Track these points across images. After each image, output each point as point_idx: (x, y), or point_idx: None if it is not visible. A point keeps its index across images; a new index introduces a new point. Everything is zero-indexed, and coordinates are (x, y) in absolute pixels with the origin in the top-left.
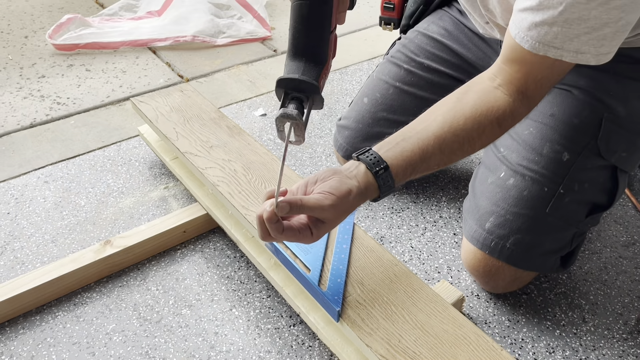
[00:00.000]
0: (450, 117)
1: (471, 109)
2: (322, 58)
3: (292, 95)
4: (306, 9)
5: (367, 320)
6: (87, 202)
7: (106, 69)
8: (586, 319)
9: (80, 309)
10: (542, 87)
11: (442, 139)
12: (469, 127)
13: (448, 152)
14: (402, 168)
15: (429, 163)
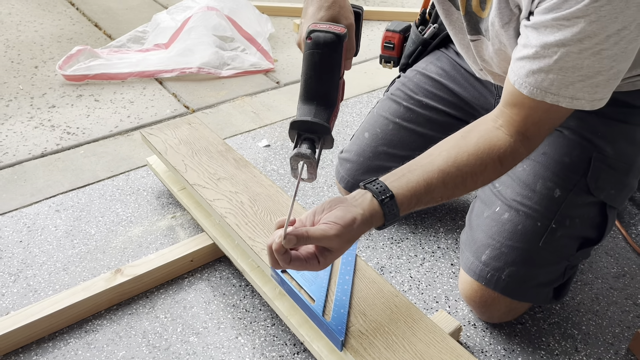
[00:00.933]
0: (455, 152)
1: (474, 146)
2: (332, 102)
3: (305, 136)
4: (318, 57)
5: (370, 350)
6: (97, 230)
7: (114, 99)
8: (579, 349)
9: (92, 336)
10: (541, 129)
11: (446, 173)
12: (471, 163)
13: (451, 186)
14: (407, 198)
15: (432, 195)
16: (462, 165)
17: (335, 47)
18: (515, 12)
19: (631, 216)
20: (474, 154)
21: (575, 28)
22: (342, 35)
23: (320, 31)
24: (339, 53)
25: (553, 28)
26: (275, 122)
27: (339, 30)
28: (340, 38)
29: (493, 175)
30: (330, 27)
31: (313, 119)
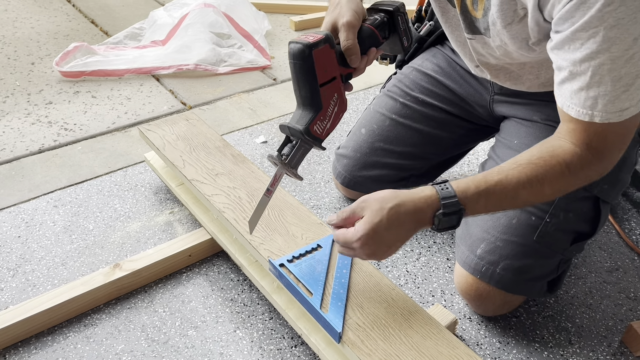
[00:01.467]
0: (517, 156)
1: (537, 151)
2: (315, 107)
3: (289, 139)
4: (292, 67)
5: (367, 342)
6: (96, 226)
7: (111, 95)
8: (572, 341)
9: (90, 330)
10: (607, 141)
11: (505, 172)
12: (533, 165)
13: (513, 187)
14: (464, 183)
15: (494, 190)
16: (523, 163)
17: (303, 57)
18: (520, 13)
19: (624, 211)
20: (536, 157)
21: (598, 38)
22: (309, 44)
23: (292, 42)
24: (307, 62)
25: (575, 43)
26: (272, 118)
27: (310, 40)
28: (309, 47)
29: (562, 182)
30: (305, 38)
31: (289, 123)
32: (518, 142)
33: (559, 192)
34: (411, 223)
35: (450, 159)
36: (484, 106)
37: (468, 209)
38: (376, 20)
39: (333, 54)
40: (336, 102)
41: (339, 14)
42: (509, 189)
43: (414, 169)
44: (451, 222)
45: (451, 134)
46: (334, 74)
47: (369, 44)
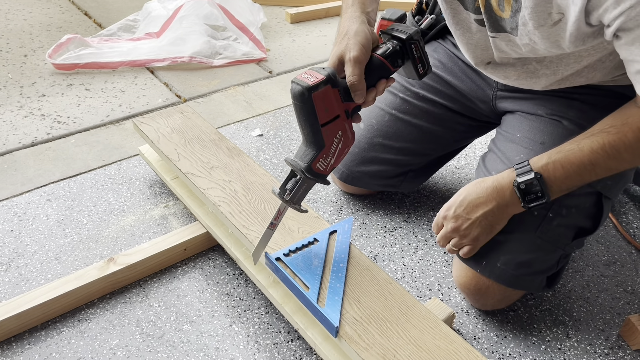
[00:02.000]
0: (592, 127)
1: (610, 117)
2: (318, 145)
3: (293, 174)
4: (294, 107)
5: (364, 336)
6: (89, 220)
7: (105, 88)
8: (570, 335)
9: (85, 325)
10: None
11: (579, 140)
12: (607, 131)
13: (588, 150)
14: (541, 159)
15: (570, 159)
16: (596, 132)
17: (302, 99)
18: (555, 17)
19: (622, 205)
20: (609, 125)
21: None
22: (309, 87)
23: (294, 82)
24: (307, 104)
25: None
26: (268, 111)
27: (309, 83)
28: (309, 90)
29: (638, 145)
30: (306, 79)
31: (293, 159)
32: (521, 136)
33: (635, 158)
34: (492, 196)
35: (449, 154)
36: (486, 102)
37: (547, 178)
38: (388, 50)
39: (335, 94)
40: (340, 139)
41: (346, 46)
42: (584, 155)
43: (413, 164)
44: (535, 192)
45: (451, 131)
46: (337, 113)
47: (378, 76)
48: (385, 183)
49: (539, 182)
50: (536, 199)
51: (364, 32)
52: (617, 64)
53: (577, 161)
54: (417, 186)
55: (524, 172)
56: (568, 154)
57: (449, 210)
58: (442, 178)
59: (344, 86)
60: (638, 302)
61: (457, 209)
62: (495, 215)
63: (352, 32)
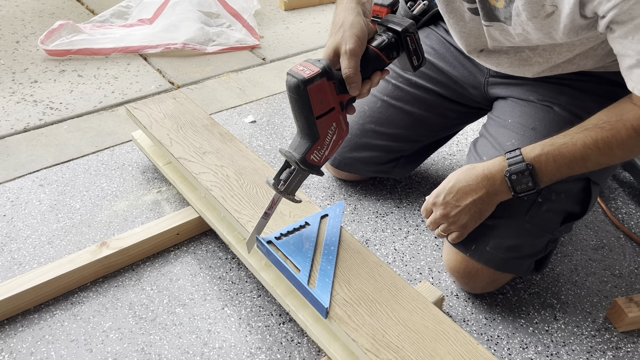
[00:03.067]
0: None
1: (604, 112)
2: (312, 137)
3: (287, 164)
4: (289, 99)
5: (354, 317)
6: (82, 205)
7: (98, 74)
8: (557, 317)
9: (78, 308)
10: None
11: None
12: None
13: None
14: (532, 148)
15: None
16: (590, 126)
17: (298, 92)
18: (549, 10)
19: (611, 190)
20: (603, 121)
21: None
22: (305, 80)
23: (289, 74)
24: (302, 97)
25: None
26: (261, 98)
27: (305, 75)
28: (305, 83)
29: (632, 143)
30: (301, 71)
31: (287, 150)
32: (512, 121)
33: (631, 153)
34: (482, 184)
35: (440, 140)
36: (478, 88)
37: (539, 169)
38: (383, 42)
39: (330, 86)
40: (334, 131)
41: (341, 38)
42: (577, 149)
43: (404, 150)
44: (526, 182)
45: (442, 117)
46: (332, 105)
47: (373, 68)
48: (377, 169)
49: (531, 173)
50: (526, 189)
51: (359, 24)
52: (609, 52)
53: (569, 155)
54: (409, 172)
55: (516, 162)
56: (561, 147)
57: (438, 197)
58: (434, 164)
59: (339, 78)
60: (625, 286)
61: (447, 196)
62: (484, 203)
63: (348, 23)
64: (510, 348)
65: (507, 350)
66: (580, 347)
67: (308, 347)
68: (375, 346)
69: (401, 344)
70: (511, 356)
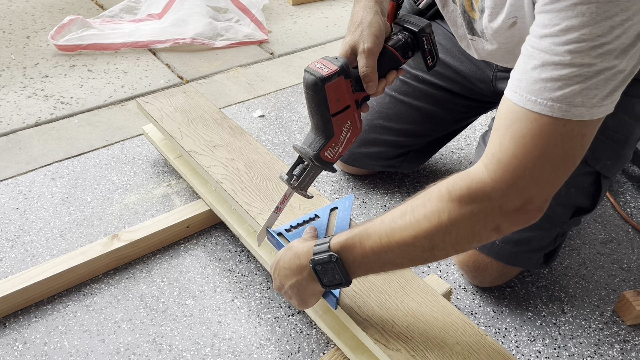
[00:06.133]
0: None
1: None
2: (327, 134)
3: (300, 160)
4: (305, 96)
5: (363, 308)
6: (93, 198)
7: (108, 69)
8: (565, 311)
9: (90, 299)
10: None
11: (387, 212)
12: (414, 199)
13: (389, 220)
14: (339, 236)
15: (369, 233)
16: (404, 206)
17: (316, 89)
18: (508, 22)
19: (619, 185)
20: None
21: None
22: (323, 77)
23: (307, 71)
24: (320, 94)
25: None
26: (269, 92)
27: (323, 73)
28: (323, 80)
29: (439, 209)
30: (319, 69)
31: (301, 146)
32: None
33: (438, 228)
34: (294, 270)
35: (449, 134)
36: (486, 82)
37: (345, 259)
38: (399, 42)
39: (347, 84)
40: (349, 128)
41: (359, 37)
42: (384, 225)
43: (413, 145)
44: (332, 274)
45: (451, 112)
46: (348, 103)
47: (389, 67)
48: (386, 164)
49: (337, 264)
50: (335, 282)
51: (377, 23)
52: None
53: (375, 235)
54: (417, 166)
55: (321, 251)
56: (369, 226)
57: (271, 269)
58: (442, 158)
59: (355, 77)
60: (633, 279)
61: (274, 273)
62: (302, 290)
63: (366, 22)
64: (518, 340)
65: (514, 342)
66: (588, 340)
67: (317, 339)
68: (385, 336)
69: (410, 335)
70: (519, 348)
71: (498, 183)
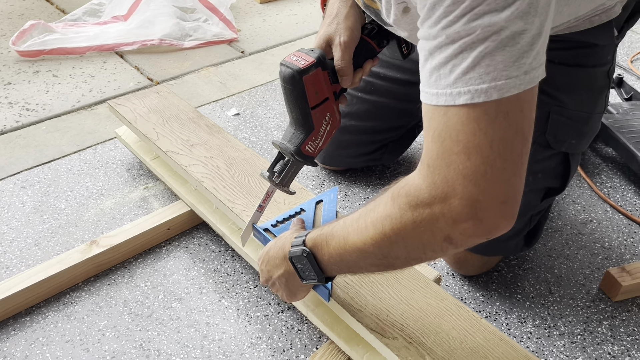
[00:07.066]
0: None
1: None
2: (307, 128)
3: (281, 156)
4: (283, 90)
5: (356, 299)
6: (67, 205)
7: (74, 74)
8: (552, 291)
9: (70, 308)
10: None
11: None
12: (375, 198)
13: (349, 222)
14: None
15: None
16: (362, 208)
17: (293, 82)
18: (400, 7)
19: (595, 166)
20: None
21: None
22: (300, 70)
23: (283, 65)
24: (297, 87)
25: None
26: (243, 90)
27: (300, 66)
28: (300, 73)
29: (383, 216)
30: (296, 61)
31: (281, 141)
32: None
33: (383, 237)
34: (281, 260)
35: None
36: None
37: (318, 255)
38: (374, 30)
39: (325, 76)
40: (328, 121)
41: (335, 30)
42: (344, 227)
43: (390, 137)
44: (307, 269)
45: (417, 103)
46: (326, 95)
47: (365, 57)
48: (367, 159)
49: (307, 259)
50: (311, 278)
51: (354, 15)
52: (573, 8)
53: (339, 236)
54: (399, 155)
55: (296, 244)
56: (336, 225)
57: (259, 261)
58: (420, 148)
59: (332, 68)
60: (615, 257)
61: (262, 264)
62: (290, 282)
63: (342, 15)
64: (509, 323)
65: (505, 325)
66: (577, 319)
67: (309, 334)
68: (380, 325)
69: (405, 322)
70: (510, 331)
71: (433, 189)
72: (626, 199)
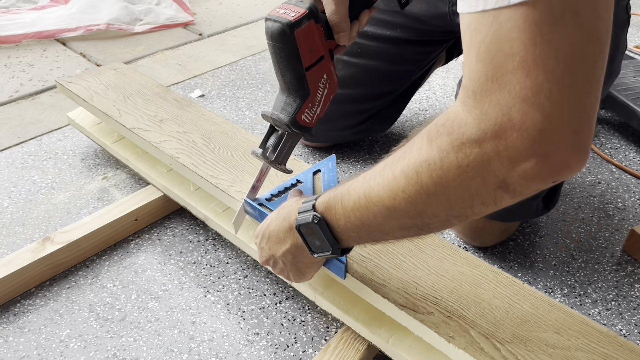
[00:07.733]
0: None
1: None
2: (302, 93)
3: (274, 130)
4: (271, 49)
5: (377, 273)
6: (11, 202)
7: (9, 63)
8: (575, 257)
9: (23, 319)
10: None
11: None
12: (401, 145)
13: (370, 176)
14: (325, 195)
15: (352, 188)
16: (388, 157)
17: (283, 39)
18: None
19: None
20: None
21: None
22: (291, 23)
23: (269, 19)
24: (289, 45)
25: None
26: (205, 72)
27: (291, 18)
28: (291, 27)
29: (417, 161)
30: (284, 14)
31: (272, 111)
32: None
33: (418, 188)
34: (287, 232)
35: (415, 83)
36: (442, 18)
37: (328, 219)
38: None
39: (319, 30)
40: (325, 83)
41: None
42: (365, 182)
43: (378, 105)
44: (317, 238)
45: (409, 63)
46: (322, 53)
47: (361, 7)
48: (354, 131)
49: (318, 226)
50: (322, 249)
51: None
52: None
53: (356, 195)
54: (389, 126)
55: (305, 210)
56: (351, 184)
57: (257, 239)
58: (408, 121)
59: (325, 21)
60: (632, 217)
61: (262, 242)
62: (297, 257)
63: None
64: None
65: None
66: (607, 284)
67: (315, 325)
68: (411, 300)
69: (439, 295)
70: None
71: (482, 121)
72: (629, 158)
